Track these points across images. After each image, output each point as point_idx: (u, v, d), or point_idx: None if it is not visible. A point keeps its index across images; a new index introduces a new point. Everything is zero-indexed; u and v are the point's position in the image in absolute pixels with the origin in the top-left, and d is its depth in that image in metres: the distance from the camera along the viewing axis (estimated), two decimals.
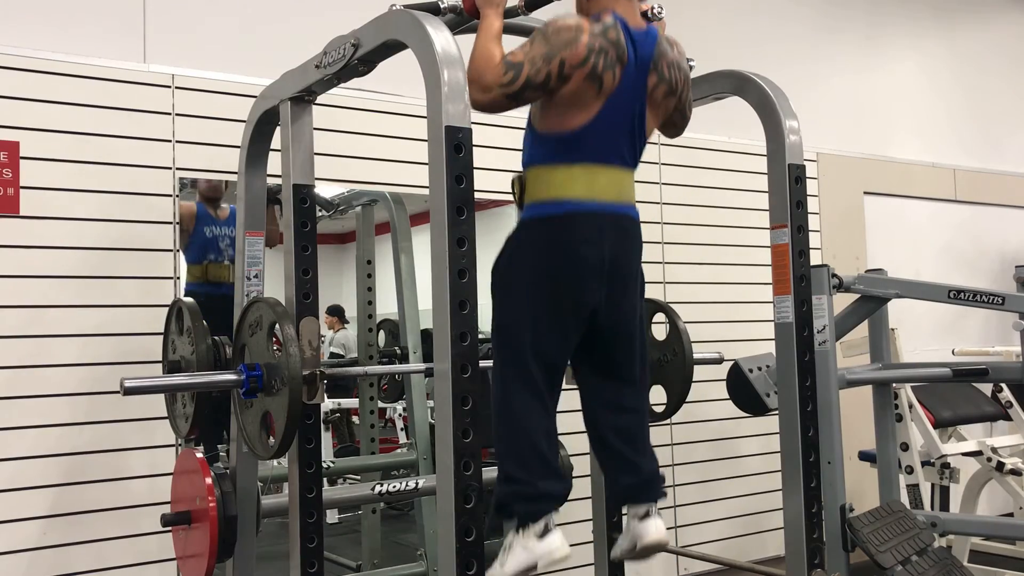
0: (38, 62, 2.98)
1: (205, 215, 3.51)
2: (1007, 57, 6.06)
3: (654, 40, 2.16)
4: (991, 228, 5.78)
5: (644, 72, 2.14)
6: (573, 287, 2.08)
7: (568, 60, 2.01)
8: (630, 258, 2.18)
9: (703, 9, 4.59)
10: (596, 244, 2.09)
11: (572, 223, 2.08)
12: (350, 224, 4.20)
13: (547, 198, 2.10)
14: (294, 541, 2.30)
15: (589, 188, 2.10)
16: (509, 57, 2.00)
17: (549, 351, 2.10)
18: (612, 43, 2.06)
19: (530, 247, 2.11)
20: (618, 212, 2.14)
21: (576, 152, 2.09)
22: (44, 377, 2.92)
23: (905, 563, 2.79)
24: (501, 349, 2.13)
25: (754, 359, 3.27)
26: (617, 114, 2.11)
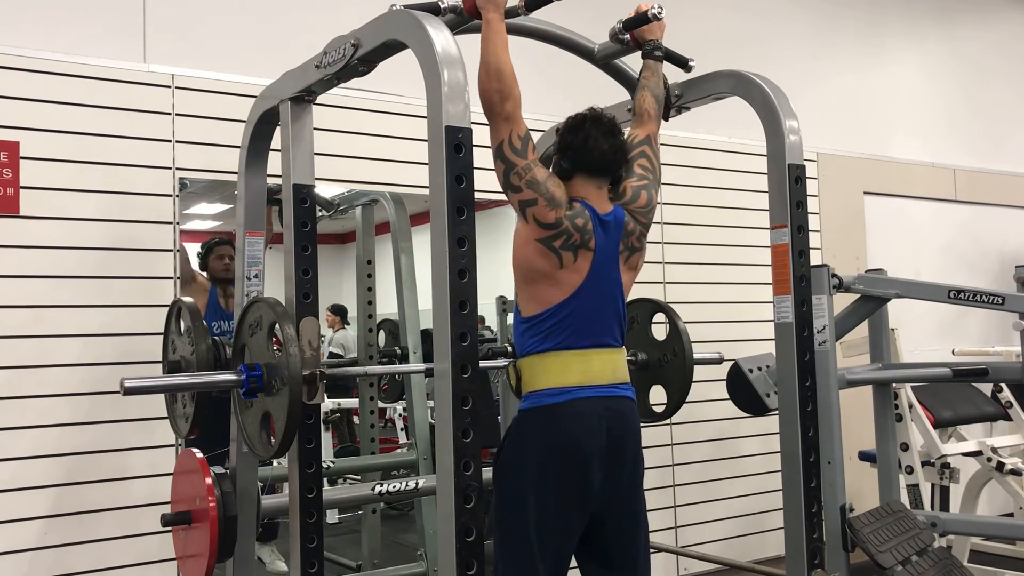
0: (38, 62, 2.98)
1: (216, 306, 3.52)
2: (1007, 57, 6.06)
3: (621, 219, 2.23)
4: (991, 228, 5.77)
5: (615, 250, 2.22)
6: (574, 476, 2.11)
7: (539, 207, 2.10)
8: (627, 439, 2.21)
9: (703, 9, 4.59)
10: (595, 432, 2.13)
11: (570, 412, 2.12)
12: (350, 224, 4.20)
13: (544, 388, 2.15)
14: (294, 541, 2.30)
15: (584, 374, 2.15)
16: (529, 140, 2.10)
17: (554, 540, 2.12)
18: (578, 229, 2.13)
19: (531, 439, 2.14)
20: (615, 395, 2.19)
21: (565, 337, 2.14)
22: (45, 377, 2.92)
23: (905, 563, 2.79)
24: (504, 540, 2.15)
25: (754, 359, 3.26)
26: (597, 296, 2.18)
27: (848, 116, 5.20)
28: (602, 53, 2.68)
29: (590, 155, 2.18)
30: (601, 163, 2.20)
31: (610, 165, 2.22)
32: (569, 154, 2.20)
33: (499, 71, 2.04)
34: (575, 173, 2.20)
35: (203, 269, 3.68)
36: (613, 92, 2.81)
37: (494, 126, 2.08)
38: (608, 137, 2.20)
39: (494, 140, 2.09)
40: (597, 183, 2.21)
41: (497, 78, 2.03)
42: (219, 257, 3.68)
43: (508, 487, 2.15)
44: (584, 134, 2.19)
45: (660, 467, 4.21)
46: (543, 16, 2.43)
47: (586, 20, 2.84)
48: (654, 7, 2.46)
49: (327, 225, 4.03)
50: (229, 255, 3.66)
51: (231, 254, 3.63)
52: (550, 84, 3.63)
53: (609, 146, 2.20)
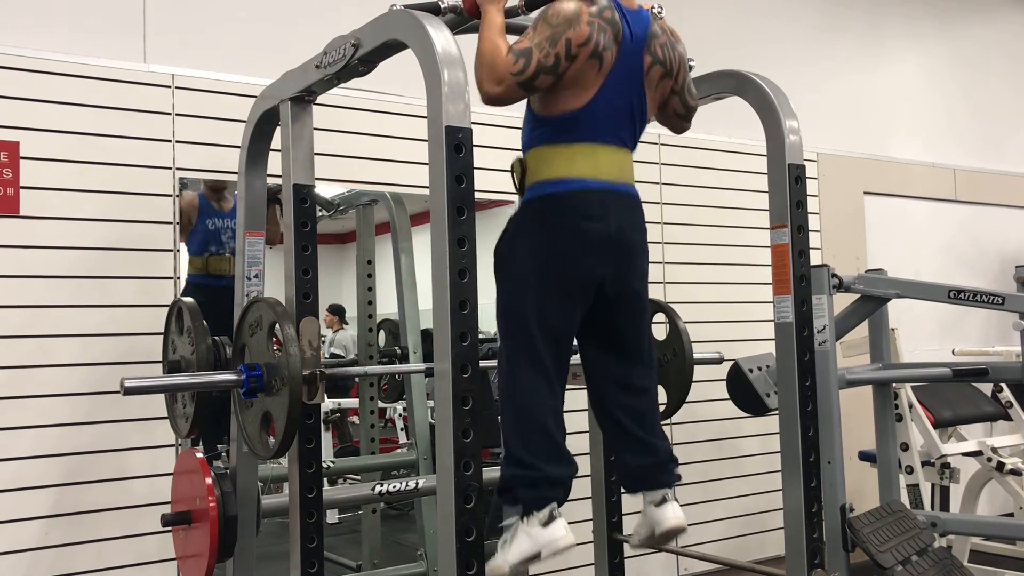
0: (38, 62, 2.98)
1: (207, 207, 3.50)
2: (1007, 57, 6.06)
3: (646, 21, 2.18)
4: (991, 228, 5.77)
5: (639, 52, 2.15)
6: (577, 261, 2.09)
7: (573, 40, 2.03)
8: (636, 232, 2.18)
9: (703, 9, 4.59)
10: (601, 219, 2.10)
11: (575, 200, 2.09)
12: (350, 224, 4.20)
13: (549, 177, 2.11)
14: (294, 541, 2.30)
15: (591, 167, 2.11)
16: (515, 46, 2.02)
17: (554, 325, 2.10)
18: (608, 22, 2.08)
19: (533, 225, 2.11)
20: (620, 191, 2.16)
21: (577, 132, 2.10)
22: (44, 377, 2.92)
23: (905, 563, 2.79)
24: (506, 327, 2.13)
25: (754, 359, 3.26)
26: (616, 94, 2.13)
27: (848, 116, 5.20)
28: None
29: None
30: None
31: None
32: None
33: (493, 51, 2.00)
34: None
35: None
36: None
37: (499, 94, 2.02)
38: None
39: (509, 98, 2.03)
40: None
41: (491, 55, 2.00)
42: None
43: (510, 273, 2.12)
44: None
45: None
46: None
47: None
48: (654, 7, 2.46)
49: (327, 225, 4.03)
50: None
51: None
52: None
53: None
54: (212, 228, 3.49)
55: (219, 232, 3.47)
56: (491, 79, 2.00)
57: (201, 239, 3.44)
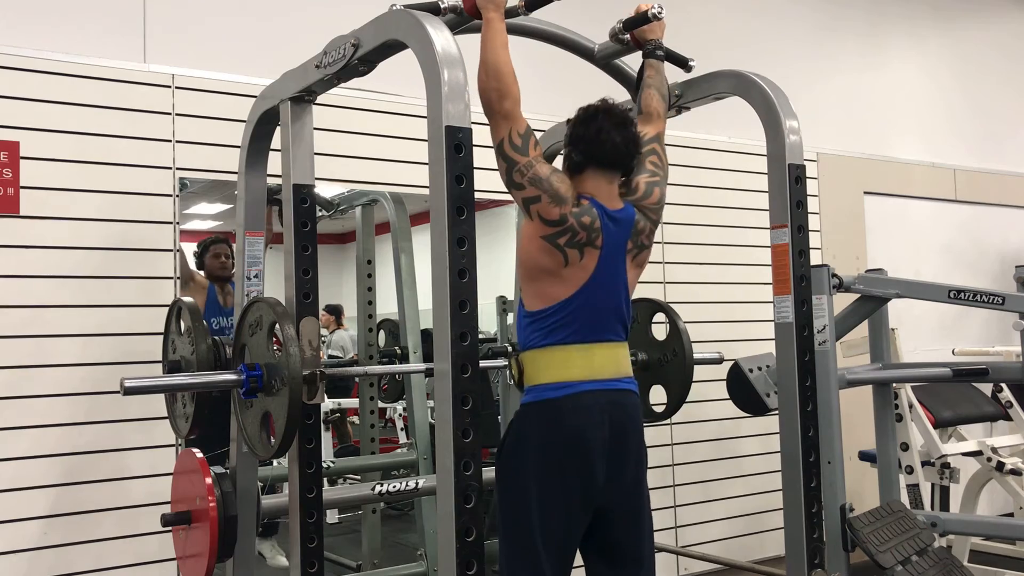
0: (38, 62, 2.98)
1: (214, 303, 3.52)
2: (1007, 57, 6.05)
3: (632, 216, 2.22)
4: (991, 228, 5.77)
5: (623, 247, 2.20)
6: (578, 470, 2.10)
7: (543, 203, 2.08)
8: (631, 433, 2.19)
9: (703, 9, 4.59)
10: (597, 425, 2.11)
11: (573, 406, 2.11)
12: (350, 224, 4.20)
13: (546, 382, 2.13)
14: (294, 541, 2.30)
15: (586, 368, 2.14)
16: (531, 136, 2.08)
17: (558, 536, 2.11)
18: (584, 227, 2.12)
19: (533, 433, 2.13)
20: (617, 389, 2.18)
21: (569, 331, 2.13)
22: (44, 377, 2.92)
23: (905, 563, 2.79)
24: (507, 536, 2.14)
25: (754, 359, 3.26)
26: (603, 292, 2.16)
27: (848, 116, 5.20)
28: (602, 53, 2.68)
29: (602, 148, 2.16)
30: (613, 156, 2.17)
31: (623, 158, 2.19)
32: (581, 147, 2.17)
33: (498, 70, 2.03)
34: (586, 166, 2.17)
35: (200, 268, 3.69)
36: (613, 92, 2.79)
37: (494, 125, 2.07)
38: (620, 129, 2.17)
39: (495, 138, 2.08)
40: (608, 177, 2.19)
41: (496, 76, 2.03)
42: (215, 255, 3.69)
43: (511, 481, 2.14)
44: (596, 126, 2.16)
45: (660, 467, 4.21)
46: (543, 16, 2.43)
47: (586, 20, 2.84)
48: (654, 7, 2.46)
49: (327, 225, 4.03)
50: (225, 253, 3.67)
51: (227, 252, 3.64)
52: (550, 84, 3.63)
53: (622, 139, 2.17)
54: (216, 328, 3.50)
55: (223, 332, 3.45)
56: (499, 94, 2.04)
57: None
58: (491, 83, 2.03)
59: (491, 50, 2.04)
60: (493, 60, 2.03)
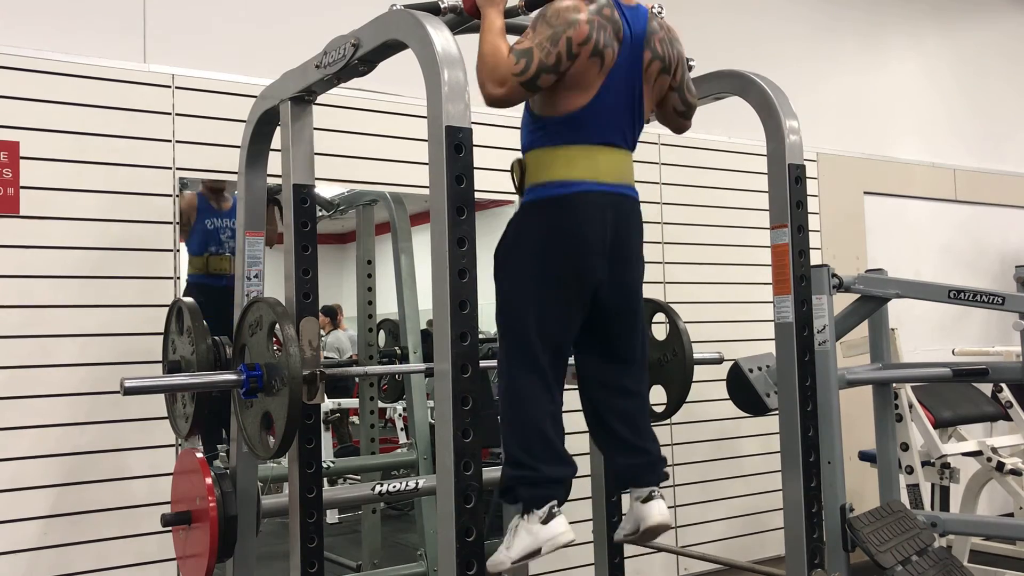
0: (38, 62, 2.98)
1: (206, 207, 3.50)
2: (1007, 57, 6.06)
3: (645, 17, 2.18)
4: (991, 228, 5.78)
5: (639, 48, 2.15)
6: (576, 266, 2.10)
7: (574, 38, 2.02)
8: (632, 237, 2.20)
9: (703, 9, 4.59)
10: (598, 224, 2.10)
11: (574, 204, 2.09)
12: (350, 224, 4.20)
13: (548, 180, 2.11)
14: (294, 541, 2.30)
15: (591, 169, 2.11)
16: (516, 47, 2.02)
17: (553, 331, 2.11)
18: (608, 20, 2.07)
19: (532, 229, 2.12)
20: (619, 193, 2.16)
21: (576, 134, 2.10)
22: (44, 377, 2.92)
23: (905, 563, 2.79)
24: (505, 333, 2.14)
25: (754, 359, 3.26)
26: (616, 93, 2.12)
27: (848, 116, 5.20)
28: None
29: None
30: None
31: None
32: None
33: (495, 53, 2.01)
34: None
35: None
36: None
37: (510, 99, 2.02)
38: None
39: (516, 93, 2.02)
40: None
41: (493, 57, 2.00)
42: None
43: (509, 276, 2.13)
44: None
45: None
46: None
47: None
48: (654, 7, 2.46)
49: (327, 225, 4.02)
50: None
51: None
52: None
53: None
54: (211, 228, 3.49)
55: (218, 232, 3.47)
56: (493, 80, 2.00)
57: (200, 239, 3.44)
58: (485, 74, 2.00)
59: (489, 39, 2.03)
60: (489, 47, 2.02)
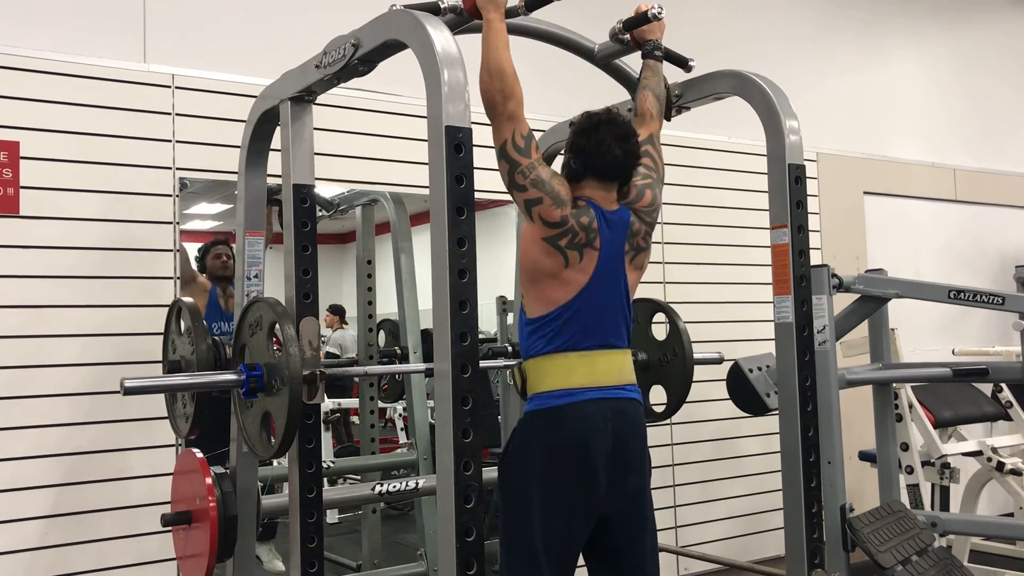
0: (38, 62, 2.98)
1: (215, 306, 3.52)
2: (1007, 57, 6.06)
3: (627, 219, 2.22)
4: (991, 228, 5.77)
5: (620, 249, 2.20)
6: (580, 479, 2.10)
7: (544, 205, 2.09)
8: (634, 441, 2.19)
9: (703, 9, 4.59)
10: (600, 434, 2.11)
11: (575, 415, 2.11)
12: (350, 224, 4.20)
13: (548, 390, 2.13)
14: (294, 541, 2.30)
15: (589, 376, 2.14)
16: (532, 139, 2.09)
17: (559, 545, 2.11)
18: (583, 227, 2.13)
19: (535, 442, 2.13)
20: (620, 397, 2.17)
21: (571, 337, 2.13)
22: (45, 377, 2.92)
23: (905, 563, 2.79)
24: (509, 547, 2.13)
25: (754, 359, 3.26)
26: (603, 296, 2.16)
27: (848, 116, 5.20)
28: (602, 53, 2.68)
29: (603, 160, 2.16)
30: (613, 169, 2.18)
31: (622, 171, 2.20)
32: (581, 157, 2.18)
33: (500, 71, 2.03)
34: (585, 175, 2.18)
35: (201, 270, 3.69)
36: (613, 92, 2.81)
37: (497, 126, 2.07)
38: (622, 142, 2.17)
39: (497, 140, 2.08)
40: (606, 187, 2.20)
41: (499, 77, 2.03)
42: (216, 256, 3.70)
43: (513, 489, 2.14)
44: (598, 138, 2.16)
45: (660, 467, 4.21)
46: (543, 16, 2.43)
47: (586, 20, 2.84)
48: (654, 7, 2.46)
49: (327, 225, 4.03)
50: (226, 254, 3.68)
51: (228, 253, 3.65)
52: (550, 84, 3.63)
53: (622, 152, 2.17)
54: (217, 331, 3.49)
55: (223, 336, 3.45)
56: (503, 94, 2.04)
57: None
58: (495, 84, 2.03)
59: (493, 51, 2.04)
60: (495, 61, 2.03)
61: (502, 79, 2.03)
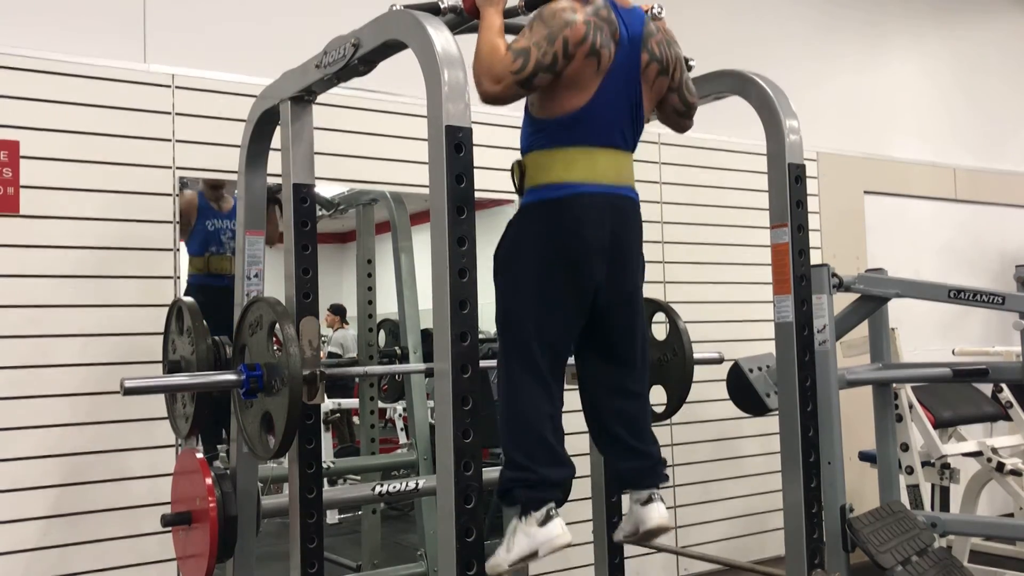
0: (38, 62, 2.98)
1: (206, 207, 3.51)
2: (1007, 57, 6.06)
3: (641, 19, 2.19)
4: (991, 228, 5.77)
5: (636, 50, 2.16)
6: (575, 269, 2.10)
7: (570, 38, 2.03)
8: (631, 239, 2.19)
9: (703, 9, 4.59)
10: (597, 225, 2.10)
11: (573, 206, 2.09)
12: (350, 224, 4.20)
13: (547, 182, 2.11)
14: (294, 541, 2.30)
15: (589, 171, 2.11)
16: (514, 45, 2.02)
17: (553, 334, 2.11)
18: (605, 20, 2.08)
19: (531, 231, 2.12)
20: (618, 194, 2.16)
21: (575, 135, 2.11)
22: (45, 377, 2.92)
23: (905, 563, 2.79)
24: (505, 335, 2.14)
25: (754, 359, 3.27)
26: (614, 94, 2.13)
27: (848, 116, 5.20)
28: None
29: None
30: None
31: None
32: None
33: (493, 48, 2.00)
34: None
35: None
36: None
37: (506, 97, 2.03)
38: None
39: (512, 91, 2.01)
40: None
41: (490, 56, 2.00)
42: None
43: (508, 278, 2.13)
44: None
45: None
46: None
47: None
48: (654, 7, 2.45)
49: (327, 225, 4.03)
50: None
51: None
52: None
53: None
54: (212, 229, 3.50)
55: (219, 232, 3.48)
56: (490, 78, 2.00)
57: (201, 239, 3.45)
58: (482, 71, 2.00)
59: (484, 38, 2.03)
60: (488, 47, 2.01)
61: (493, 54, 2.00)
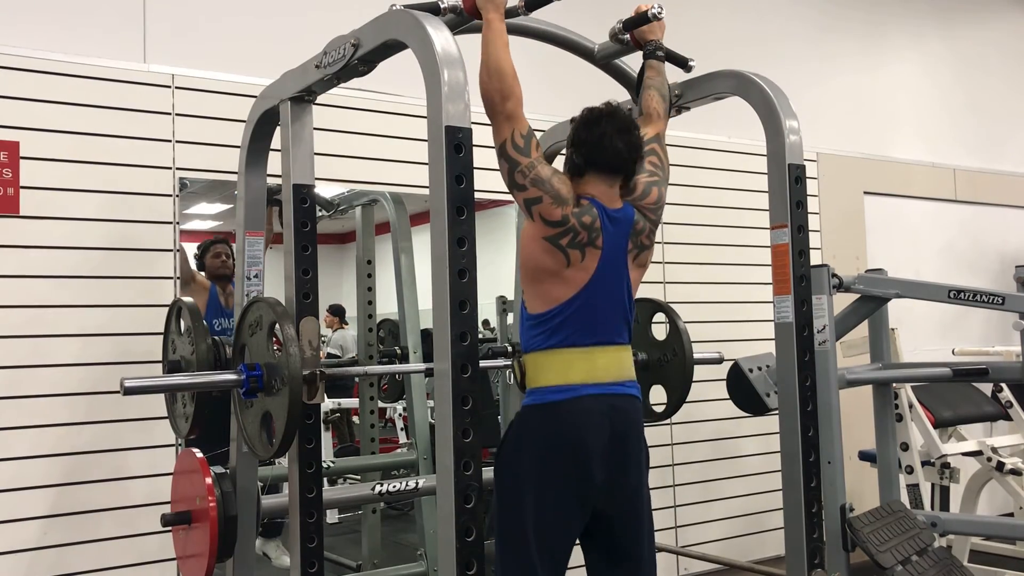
0: (38, 62, 2.98)
1: (216, 304, 3.53)
2: (1007, 57, 6.06)
3: (631, 216, 2.21)
4: (991, 228, 5.77)
5: (623, 247, 2.19)
6: (576, 473, 2.09)
7: (544, 204, 2.08)
8: (631, 440, 2.19)
9: (703, 9, 4.59)
10: (598, 429, 2.11)
11: (573, 410, 2.10)
12: (350, 224, 4.20)
13: (547, 384, 2.13)
14: (294, 541, 2.30)
15: (588, 372, 2.13)
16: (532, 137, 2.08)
17: (552, 538, 2.11)
18: (585, 227, 2.11)
19: (533, 434, 2.13)
20: (618, 393, 2.17)
21: (571, 334, 2.12)
22: (44, 377, 2.92)
23: (905, 563, 2.79)
24: (503, 539, 2.13)
25: (754, 359, 3.26)
26: (604, 294, 2.15)
27: (848, 116, 5.20)
28: (602, 53, 2.67)
29: (604, 153, 2.15)
30: (616, 162, 2.17)
31: (624, 164, 2.19)
32: (583, 150, 2.17)
33: (499, 70, 2.03)
34: (588, 170, 2.17)
35: (200, 269, 3.70)
36: (613, 92, 2.80)
37: (496, 125, 2.07)
38: (623, 135, 2.17)
39: (497, 139, 2.07)
40: (609, 181, 2.19)
41: (498, 77, 2.03)
42: (215, 255, 3.71)
43: (508, 483, 2.14)
44: (599, 131, 2.16)
45: (660, 467, 4.21)
46: (543, 16, 2.43)
47: (586, 20, 2.84)
48: (654, 7, 2.46)
49: (327, 225, 4.03)
50: (225, 253, 3.68)
51: (227, 252, 3.65)
52: (550, 84, 3.63)
53: (624, 144, 2.17)
54: (218, 328, 3.50)
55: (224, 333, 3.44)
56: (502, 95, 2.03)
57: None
58: (493, 84, 2.03)
59: (492, 51, 2.04)
60: (495, 61, 2.03)
61: (501, 79, 2.03)
